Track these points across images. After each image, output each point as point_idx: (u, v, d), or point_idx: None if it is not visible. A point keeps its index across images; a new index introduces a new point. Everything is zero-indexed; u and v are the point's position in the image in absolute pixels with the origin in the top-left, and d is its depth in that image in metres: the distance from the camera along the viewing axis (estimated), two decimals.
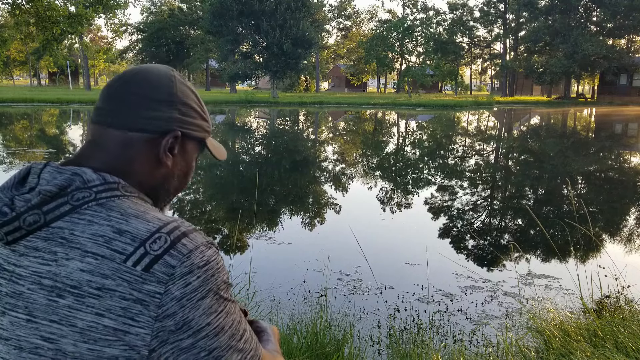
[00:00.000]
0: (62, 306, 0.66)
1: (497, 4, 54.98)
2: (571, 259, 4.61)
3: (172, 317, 0.67)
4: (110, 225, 0.69)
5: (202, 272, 0.69)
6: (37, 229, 0.69)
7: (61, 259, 0.67)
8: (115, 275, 0.66)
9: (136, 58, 62.58)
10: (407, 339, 2.75)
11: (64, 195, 0.70)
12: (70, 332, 0.65)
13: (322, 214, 6.47)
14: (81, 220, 0.69)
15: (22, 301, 0.67)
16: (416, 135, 18.12)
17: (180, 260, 0.68)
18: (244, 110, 30.23)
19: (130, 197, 0.74)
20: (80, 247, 0.67)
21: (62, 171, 0.72)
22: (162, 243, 0.68)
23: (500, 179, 9.66)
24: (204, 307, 0.69)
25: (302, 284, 3.82)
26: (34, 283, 0.67)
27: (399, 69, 58.83)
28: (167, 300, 0.67)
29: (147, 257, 0.67)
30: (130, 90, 0.78)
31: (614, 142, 16.32)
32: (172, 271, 0.67)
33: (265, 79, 49.98)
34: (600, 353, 2.16)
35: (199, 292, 0.69)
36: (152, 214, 0.73)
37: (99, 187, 0.72)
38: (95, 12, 16.74)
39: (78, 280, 0.66)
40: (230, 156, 12.20)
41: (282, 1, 35.96)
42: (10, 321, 0.68)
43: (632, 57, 44.73)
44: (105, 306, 0.65)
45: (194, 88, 0.87)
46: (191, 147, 0.86)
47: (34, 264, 0.68)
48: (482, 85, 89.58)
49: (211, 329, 0.70)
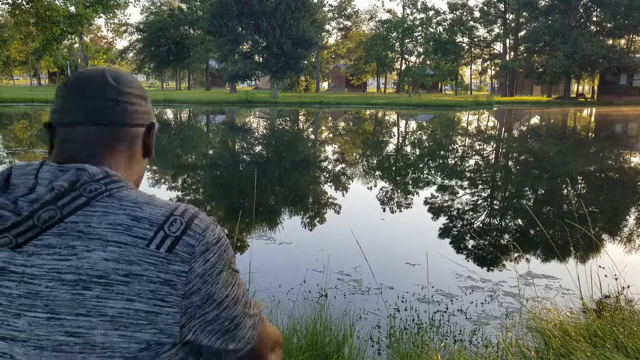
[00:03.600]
0: (89, 298, 0.66)
1: (497, 4, 54.96)
2: (571, 259, 4.61)
3: (198, 293, 0.71)
4: (126, 213, 0.71)
5: (217, 249, 0.75)
6: (52, 225, 0.68)
7: (81, 252, 0.67)
8: (140, 260, 0.68)
9: (136, 58, 62.60)
10: (407, 339, 2.75)
11: (75, 189, 0.70)
12: (100, 322, 0.66)
13: (322, 214, 6.47)
14: (95, 213, 0.70)
15: (41, 300, 0.67)
16: (416, 136, 18.12)
17: (198, 239, 0.73)
18: (244, 110, 30.23)
19: (133, 188, 0.77)
20: (101, 237, 0.68)
21: (64, 168, 0.72)
22: (178, 225, 0.72)
23: (500, 179, 9.66)
24: (222, 281, 0.75)
25: (302, 284, 3.82)
26: (52, 280, 0.67)
27: (399, 69, 58.83)
28: (192, 277, 0.71)
29: (168, 239, 0.70)
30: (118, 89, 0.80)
31: (614, 142, 16.32)
32: (192, 250, 0.72)
33: (265, 79, 49.97)
34: (600, 353, 2.16)
35: (217, 267, 0.74)
36: (159, 200, 0.76)
37: (106, 179, 0.73)
38: (95, 12, 16.74)
39: (104, 270, 0.67)
40: (230, 156, 12.19)
41: (282, 1, 35.94)
42: (28, 322, 0.67)
43: (632, 57, 44.70)
44: (135, 291, 0.67)
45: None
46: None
47: (50, 261, 0.67)
48: (482, 85, 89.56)
49: (230, 300, 0.76)
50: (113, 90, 0.79)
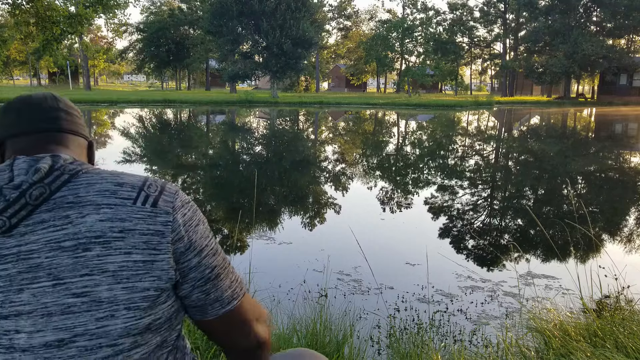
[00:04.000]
0: (90, 257, 0.72)
1: (497, 4, 54.94)
2: (571, 259, 4.61)
3: (181, 240, 0.80)
4: (109, 181, 0.79)
5: (190, 206, 0.85)
6: (42, 202, 0.74)
7: (76, 219, 0.74)
8: (131, 216, 0.76)
9: (136, 58, 62.56)
10: (407, 339, 2.75)
11: (56, 170, 0.78)
12: (103, 278, 0.72)
13: (322, 214, 6.47)
14: (80, 185, 0.77)
15: (43, 271, 0.72)
16: (416, 135, 18.12)
17: (173, 197, 0.83)
18: (244, 110, 30.23)
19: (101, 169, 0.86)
20: (91, 203, 0.75)
21: (38, 157, 0.79)
22: (155, 187, 0.82)
23: (500, 179, 9.66)
24: (200, 232, 0.84)
25: (302, 284, 3.82)
26: (52, 250, 0.72)
27: (399, 69, 58.81)
28: (176, 226, 0.80)
29: (150, 197, 0.80)
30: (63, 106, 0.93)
31: (614, 142, 16.32)
32: (172, 204, 0.81)
33: (265, 79, 49.96)
34: (600, 353, 2.16)
35: (194, 219, 0.84)
36: (129, 173, 0.85)
37: (77, 162, 0.82)
38: (95, 12, 16.72)
39: (101, 230, 0.74)
40: (230, 156, 12.19)
41: (282, 1, 35.93)
42: (32, 293, 0.72)
43: (632, 57, 44.67)
44: (131, 244, 0.75)
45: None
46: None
47: (45, 234, 0.73)
48: (482, 85, 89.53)
49: (210, 249, 0.85)
50: (60, 105, 0.93)
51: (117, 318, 0.73)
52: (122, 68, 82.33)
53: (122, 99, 32.39)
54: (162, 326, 0.80)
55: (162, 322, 0.79)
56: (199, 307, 0.85)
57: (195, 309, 0.86)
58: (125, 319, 0.73)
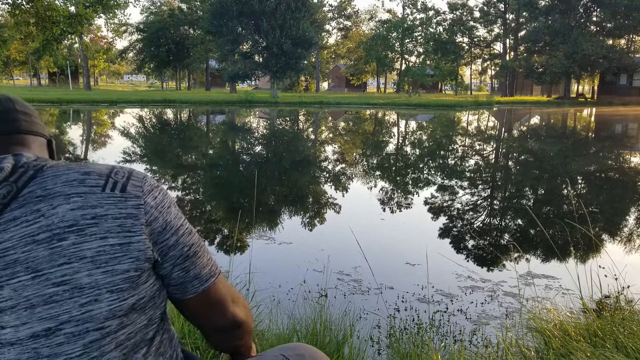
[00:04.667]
0: (66, 246, 0.73)
1: (497, 4, 54.94)
2: (571, 259, 4.61)
3: (156, 220, 0.82)
4: (75, 171, 0.80)
5: (159, 190, 0.86)
6: (11, 200, 0.75)
7: (48, 211, 0.74)
8: (101, 203, 0.77)
9: (136, 58, 62.54)
10: (407, 339, 2.75)
11: (20, 167, 0.79)
12: (82, 265, 0.74)
13: (322, 214, 6.47)
14: (46, 178, 0.78)
15: (20, 265, 0.73)
16: (416, 136, 18.12)
17: (142, 182, 0.84)
18: (244, 110, 30.23)
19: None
20: (61, 193, 0.76)
21: (1, 158, 0.80)
22: (122, 173, 0.83)
23: (500, 179, 9.66)
24: (174, 213, 0.86)
25: (302, 284, 3.82)
26: (27, 244, 0.73)
27: (399, 69, 58.82)
28: (148, 208, 0.81)
29: (118, 183, 0.81)
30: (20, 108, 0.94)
31: (614, 142, 16.32)
32: (141, 189, 0.82)
33: (265, 79, 49.96)
34: (600, 353, 2.16)
35: (165, 202, 0.85)
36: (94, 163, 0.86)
37: (40, 159, 0.83)
38: (95, 12, 16.72)
39: (73, 218, 0.74)
40: (230, 156, 12.19)
41: (282, 1, 35.93)
42: (13, 289, 0.73)
43: (632, 57, 44.67)
44: (105, 229, 0.76)
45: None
46: None
47: (19, 230, 0.74)
48: (482, 85, 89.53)
49: (185, 229, 0.87)
50: (17, 107, 0.94)
51: (101, 302, 0.75)
52: (122, 68, 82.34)
53: (122, 99, 32.38)
54: (147, 305, 0.82)
55: (146, 300, 0.81)
56: (179, 285, 0.87)
57: (174, 287, 0.88)
58: (109, 301, 0.75)
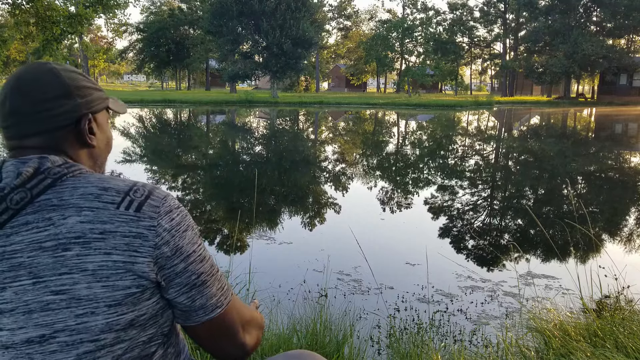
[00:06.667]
0: (70, 257, 0.73)
1: (497, 4, 54.95)
2: (571, 259, 4.61)
3: (167, 244, 0.79)
4: (94, 185, 0.79)
5: (179, 211, 0.83)
6: (24, 206, 0.75)
7: (58, 220, 0.75)
8: (112, 219, 0.76)
9: (136, 58, 62.55)
10: (407, 339, 2.75)
11: (40, 173, 0.78)
12: (82, 277, 0.73)
13: (322, 214, 6.47)
14: (65, 189, 0.78)
15: (24, 269, 0.73)
16: (416, 136, 18.12)
17: (161, 202, 0.81)
18: (244, 110, 30.23)
19: (92, 172, 0.85)
20: (74, 205, 0.76)
21: (26, 160, 0.79)
22: (142, 192, 0.81)
23: (500, 179, 9.66)
24: (188, 237, 0.83)
25: (302, 284, 3.82)
26: (33, 250, 0.74)
27: (399, 69, 58.82)
28: (161, 231, 0.79)
29: (135, 202, 0.79)
30: (28, 100, 0.83)
31: (614, 142, 16.32)
32: (157, 210, 0.80)
33: (265, 79, 49.96)
34: (600, 353, 2.16)
35: (182, 225, 0.82)
36: (120, 178, 0.85)
37: (66, 164, 0.81)
38: (95, 12, 16.71)
39: (81, 231, 0.74)
40: (230, 156, 12.19)
41: (282, 1, 35.93)
42: (14, 291, 0.73)
43: (632, 57, 44.67)
44: (111, 245, 0.75)
45: (72, 67, 0.91)
46: (102, 118, 0.95)
47: (29, 235, 0.74)
48: (482, 85, 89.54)
49: (197, 256, 0.83)
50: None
51: (98, 315, 0.74)
52: (122, 68, 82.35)
53: (122, 99, 32.32)
54: (147, 322, 0.80)
55: (146, 318, 0.79)
56: (183, 312, 0.85)
57: (179, 313, 0.86)
58: (106, 315, 0.74)
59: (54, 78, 0.85)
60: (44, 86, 0.84)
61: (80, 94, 0.87)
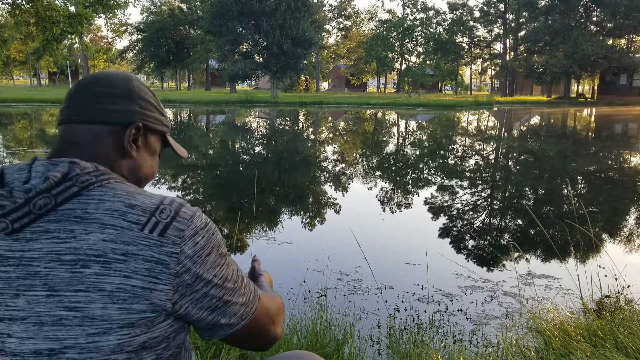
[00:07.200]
0: (88, 275, 0.72)
1: (497, 4, 54.96)
2: (571, 259, 4.61)
3: (188, 272, 0.77)
4: (121, 201, 0.77)
5: (205, 232, 0.81)
6: (47, 212, 0.74)
7: (80, 235, 0.73)
8: (136, 241, 0.74)
9: (136, 58, 62.59)
10: (407, 339, 2.75)
11: (67, 180, 0.76)
12: (98, 297, 0.72)
13: (322, 214, 6.48)
14: (91, 200, 0.76)
15: (40, 280, 0.72)
16: (416, 136, 18.12)
17: (186, 224, 0.79)
18: (244, 110, 30.23)
19: (122, 182, 0.83)
20: (98, 221, 0.74)
21: (56, 162, 0.78)
22: (168, 212, 0.79)
23: (500, 179, 9.66)
24: (211, 262, 0.81)
25: (302, 284, 3.82)
26: (51, 261, 0.72)
27: (399, 69, 58.83)
28: (182, 258, 0.77)
29: (160, 224, 0.77)
30: (91, 89, 0.88)
31: (614, 142, 16.32)
32: (182, 234, 0.78)
33: (265, 79, 49.96)
34: (600, 353, 2.16)
35: (205, 249, 0.80)
36: (148, 192, 0.83)
37: (96, 172, 0.80)
38: (95, 12, 16.72)
39: (102, 249, 0.73)
40: (230, 156, 12.19)
41: (282, 1, 35.94)
42: (27, 300, 0.72)
43: (632, 57, 44.69)
44: (132, 269, 0.73)
45: (150, 90, 0.96)
46: (153, 141, 0.96)
47: (48, 244, 0.73)
48: (482, 85, 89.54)
49: (218, 279, 0.82)
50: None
51: (110, 335, 0.73)
52: (122, 68, 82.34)
53: None
54: (159, 344, 0.79)
55: (159, 340, 0.78)
56: (208, 329, 0.85)
57: (204, 330, 0.86)
58: (119, 336, 0.73)
59: (124, 81, 0.90)
60: (111, 83, 0.89)
61: (141, 103, 0.91)
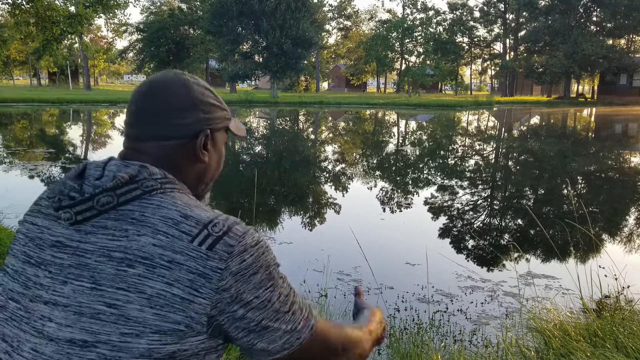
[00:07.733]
0: (131, 275, 0.73)
1: (497, 4, 54.94)
2: (571, 259, 4.61)
3: (229, 290, 0.76)
4: (177, 210, 0.78)
5: (255, 250, 0.79)
6: (108, 209, 0.77)
7: (132, 235, 0.75)
8: (184, 252, 0.75)
9: (136, 58, 62.53)
10: (407, 339, 2.75)
11: (134, 182, 0.79)
12: (137, 298, 0.73)
13: (322, 214, 6.48)
14: (150, 205, 0.78)
15: (88, 271, 0.75)
16: (416, 136, 18.12)
17: (237, 240, 0.78)
18: (244, 110, 30.23)
19: (186, 193, 0.86)
20: (152, 225, 0.76)
21: (129, 164, 0.81)
22: (220, 227, 0.78)
23: (500, 179, 9.66)
24: (255, 281, 0.78)
25: (302, 284, 3.82)
26: (102, 256, 0.75)
27: (399, 69, 58.82)
28: (226, 274, 0.76)
29: (210, 237, 0.77)
30: (153, 104, 0.88)
31: (614, 142, 16.32)
32: (231, 249, 0.77)
33: (265, 79, 49.95)
34: (600, 353, 2.16)
35: (252, 268, 0.78)
36: (206, 207, 0.85)
37: (162, 179, 0.82)
38: (95, 12, 16.72)
39: (150, 253, 0.74)
40: (230, 156, 12.20)
41: (282, 1, 35.93)
42: (73, 289, 0.75)
43: (632, 57, 44.68)
44: (175, 277, 0.74)
45: (205, 83, 0.95)
46: (219, 137, 0.97)
47: (103, 240, 0.76)
48: (482, 85, 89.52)
49: (260, 302, 0.79)
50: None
51: (142, 338, 0.73)
52: (122, 68, 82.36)
53: (122, 99, 32.36)
54: (189, 358, 0.77)
55: (188, 354, 0.77)
56: (246, 349, 0.83)
57: (242, 350, 0.84)
58: (150, 340, 0.73)
59: (184, 90, 0.89)
60: (172, 95, 0.88)
61: (204, 109, 0.91)
